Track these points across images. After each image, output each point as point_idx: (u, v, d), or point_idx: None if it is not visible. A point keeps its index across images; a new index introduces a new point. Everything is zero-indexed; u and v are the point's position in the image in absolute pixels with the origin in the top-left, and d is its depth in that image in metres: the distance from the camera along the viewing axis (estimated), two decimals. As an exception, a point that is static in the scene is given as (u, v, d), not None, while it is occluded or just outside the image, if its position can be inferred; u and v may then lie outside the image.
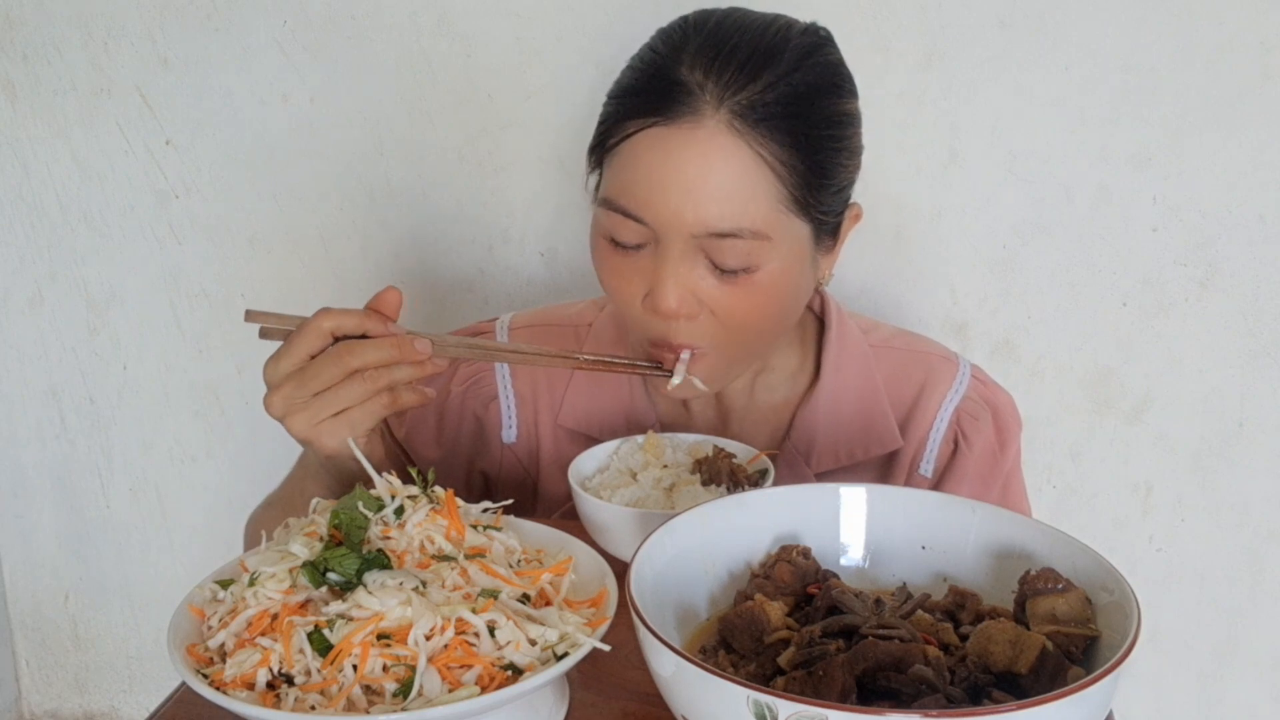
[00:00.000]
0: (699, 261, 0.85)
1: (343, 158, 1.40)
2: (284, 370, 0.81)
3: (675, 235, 0.84)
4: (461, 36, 1.33)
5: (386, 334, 0.81)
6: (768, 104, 0.82)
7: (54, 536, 1.63)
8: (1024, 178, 1.26)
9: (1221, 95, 1.19)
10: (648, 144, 0.84)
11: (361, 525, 0.65)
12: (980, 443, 1.01)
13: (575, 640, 0.60)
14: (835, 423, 1.00)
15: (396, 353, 0.80)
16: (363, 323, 0.81)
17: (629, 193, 0.85)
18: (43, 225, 1.49)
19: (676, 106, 0.83)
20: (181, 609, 0.64)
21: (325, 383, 0.80)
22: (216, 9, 1.36)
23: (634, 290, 0.88)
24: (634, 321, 0.91)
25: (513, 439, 1.04)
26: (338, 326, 0.81)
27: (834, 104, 0.87)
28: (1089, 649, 0.59)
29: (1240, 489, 1.31)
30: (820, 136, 0.85)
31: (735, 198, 0.83)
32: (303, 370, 0.80)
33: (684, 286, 0.85)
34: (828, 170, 0.86)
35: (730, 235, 0.83)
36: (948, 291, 1.31)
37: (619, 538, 0.80)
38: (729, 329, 0.88)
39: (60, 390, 1.56)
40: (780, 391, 1.02)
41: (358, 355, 0.79)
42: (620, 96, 0.88)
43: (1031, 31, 1.21)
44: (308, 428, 0.81)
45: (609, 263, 0.89)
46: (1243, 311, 1.25)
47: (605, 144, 0.88)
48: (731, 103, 0.82)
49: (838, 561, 0.70)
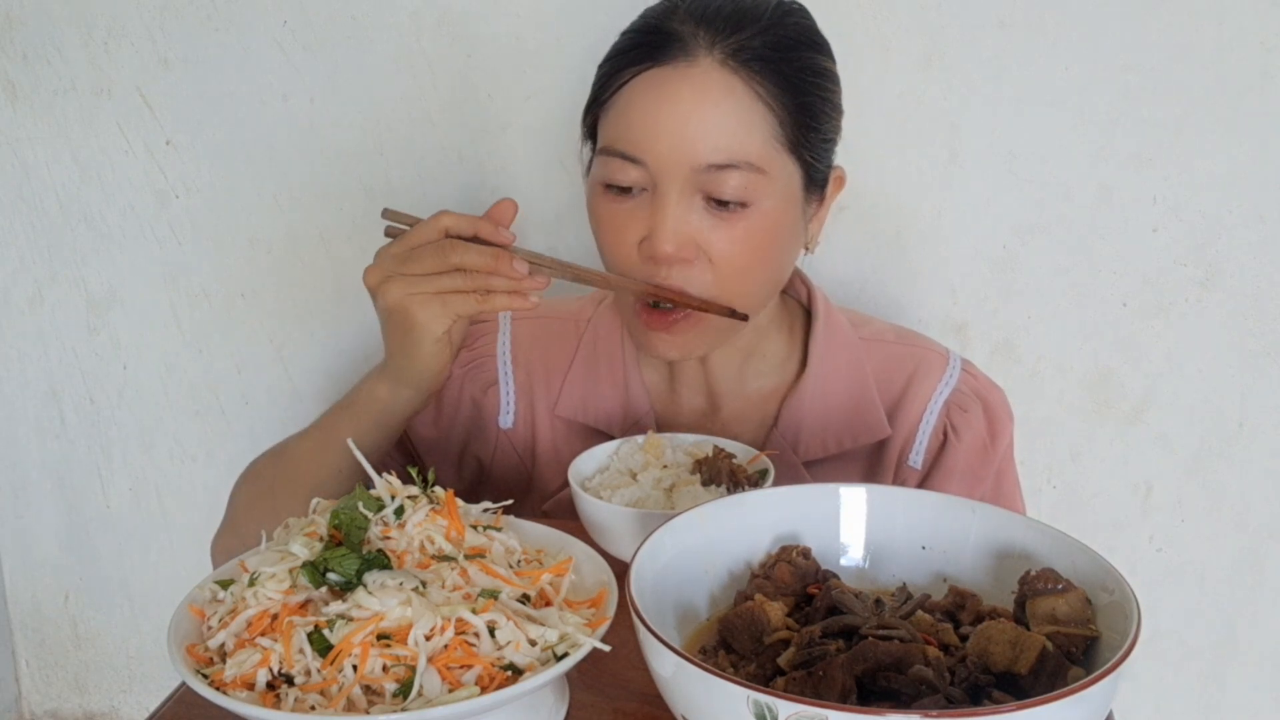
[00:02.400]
0: (695, 203, 0.88)
1: (343, 158, 1.40)
2: (392, 251, 0.85)
3: (673, 175, 0.86)
4: (461, 36, 1.33)
5: (496, 236, 0.85)
6: (755, 48, 0.87)
7: (54, 536, 1.63)
8: (1024, 178, 1.26)
9: (1221, 95, 1.19)
10: (643, 87, 0.88)
11: (361, 525, 0.65)
12: (970, 436, 1.01)
13: (575, 640, 0.60)
14: (823, 411, 1.01)
15: (495, 263, 0.83)
16: (475, 225, 0.85)
17: (626, 136, 0.88)
18: (43, 225, 1.49)
19: (670, 50, 0.87)
20: (181, 609, 0.64)
21: (426, 269, 0.84)
22: (216, 9, 1.36)
23: (630, 238, 0.90)
24: (629, 271, 0.92)
25: (510, 425, 1.05)
26: (453, 225, 0.84)
27: (816, 58, 0.91)
28: (1089, 649, 0.59)
29: (1240, 489, 1.31)
30: (807, 82, 0.89)
31: (732, 130, 0.86)
32: (408, 253, 0.85)
33: (682, 228, 0.87)
34: (815, 114, 0.90)
35: (728, 166, 0.86)
36: (948, 291, 1.31)
37: (619, 538, 0.80)
38: (723, 276, 0.89)
39: (60, 390, 1.56)
40: (769, 380, 1.04)
41: (459, 253, 0.83)
42: (612, 57, 0.92)
43: (1031, 31, 1.21)
44: (402, 295, 0.84)
45: (605, 213, 0.91)
46: (1243, 311, 1.25)
47: (600, 99, 0.92)
48: (723, 44, 0.86)
49: (838, 561, 0.70)
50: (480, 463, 1.07)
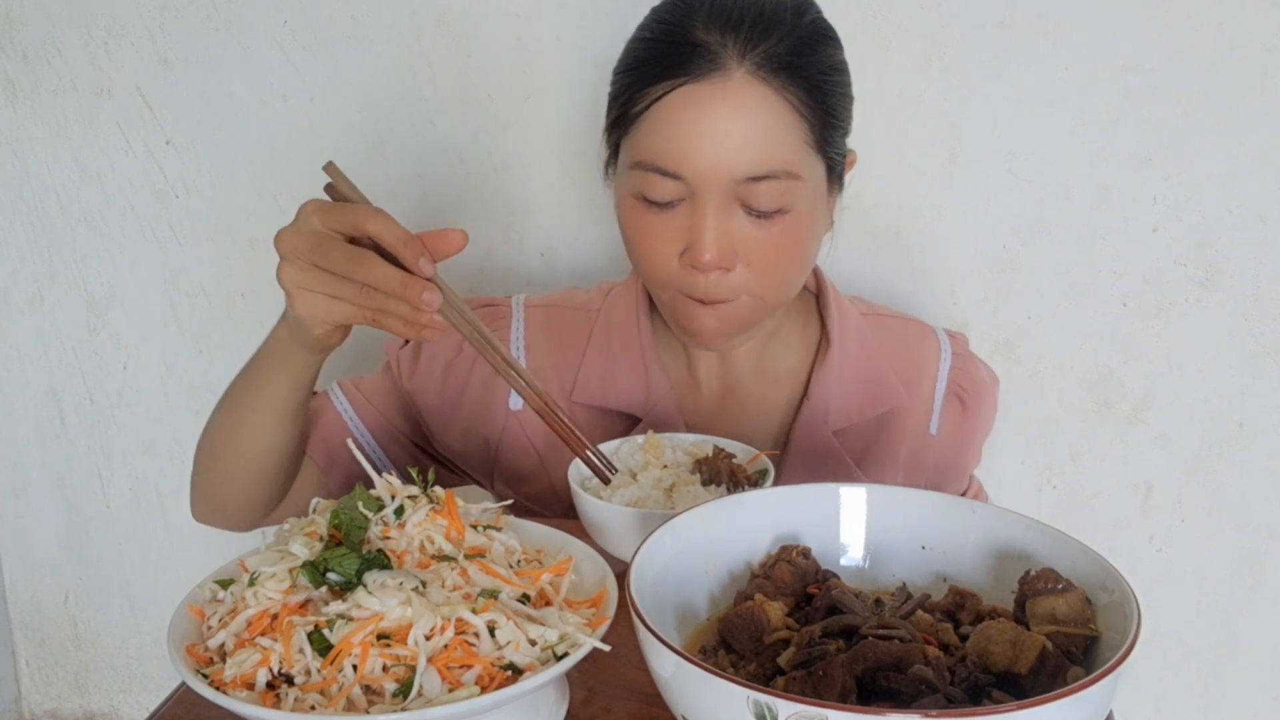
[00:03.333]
0: (735, 211, 0.89)
1: (343, 158, 1.39)
2: (312, 225, 0.79)
3: (713, 187, 0.88)
4: (461, 36, 1.33)
5: (413, 267, 0.77)
6: (782, 55, 0.88)
7: (54, 536, 1.63)
8: (1024, 178, 1.26)
9: (1221, 95, 1.19)
10: (680, 102, 0.88)
11: (361, 525, 0.66)
12: (971, 399, 1.10)
13: (575, 640, 0.60)
14: (846, 381, 1.05)
15: (403, 290, 0.76)
16: (399, 247, 0.77)
17: (664, 152, 0.88)
18: (43, 225, 1.49)
19: (703, 65, 0.87)
20: (181, 609, 0.64)
21: (329, 267, 0.78)
22: (216, 9, 1.36)
23: (669, 250, 0.91)
24: (667, 282, 0.93)
25: (519, 407, 1.05)
26: (378, 233, 0.77)
27: (833, 53, 0.93)
28: (1089, 649, 0.59)
29: (1240, 489, 1.31)
30: (829, 81, 0.91)
31: (769, 141, 0.88)
32: (322, 241, 0.78)
33: (723, 237, 0.89)
34: (837, 112, 0.92)
35: (766, 178, 0.88)
36: (948, 291, 1.31)
37: (619, 538, 0.80)
38: (760, 276, 0.91)
39: (60, 390, 1.56)
40: (787, 360, 1.07)
41: (368, 270, 0.77)
42: (637, 68, 0.91)
43: (1031, 31, 1.21)
44: (291, 283, 0.79)
45: (641, 225, 0.92)
46: (1243, 311, 1.25)
47: (629, 113, 0.91)
48: (753, 55, 0.87)
49: (838, 561, 0.70)
50: (487, 442, 1.07)
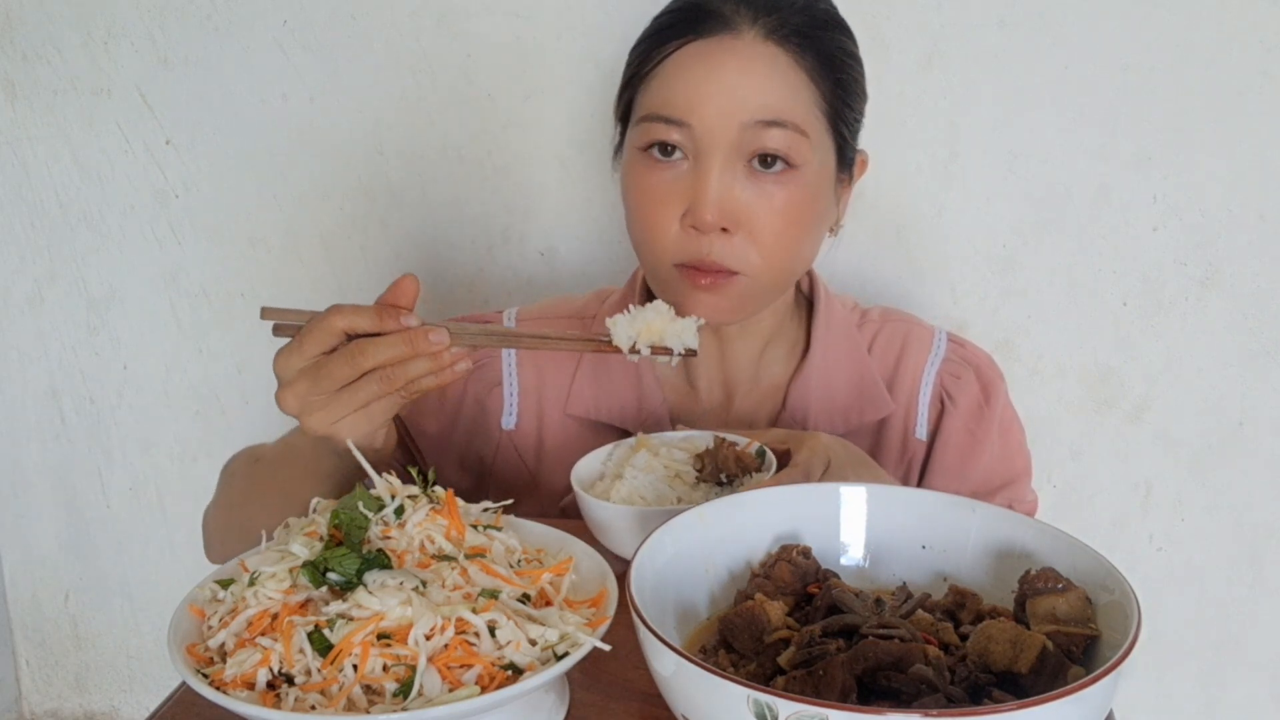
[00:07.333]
0: (738, 170, 0.90)
1: (343, 158, 1.40)
2: (296, 366, 0.79)
3: (718, 139, 0.88)
4: (461, 36, 1.33)
5: (400, 329, 0.77)
6: (795, 24, 0.90)
7: (54, 536, 1.63)
8: (1024, 178, 1.26)
9: (1221, 95, 1.19)
10: (688, 57, 0.90)
11: (361, 525, 0.65)
12: (965, 400, 1.05)
13: (575, 640, 0.60)
14: (829, 392, 1.03)
15: (410, 349, 0.77)
16: (376, 321, 0.77)
17: (671, 102, 0.90)
18: (43, 225, 1.49)
19: (714, 25, 0.89)
20: (181, 609, 0.64)
21: (340, 382, 0.77)
22: (216, 9, 1.36)
23: (671, 210, 0.91)
24: (666, 248, 0.92)
25: (512, 425, 1.05)
26: (350, 326, 0.77)
27: (847, 40, 0.95)
28: (1089, 649, 0.59)
29: (1240, 489, 1.31)
30: (841, 61, 0.93)
31: (778, 93, 0.89)
32: (316, 368, 0.78)
33: (725, 195, 0.89)
34: (849, 92, 0.93)
35: (775, 123, 0.88)
36: (948, 291, 1.31)
37: (619, 537, 0.80)
38: (759, 247, 0.91)
39: (60, 390, 1.56)
40: (779, 367, 1.06)
41: (371, 355, 0.76)
42: (651, 35, 0.93)
43: (1031, 31, 1.21)
44: (325, 425, 0.79)
45: (645, 184, 0.92)
46: (1243, 311, 1.25)
47: (640, 74, 0.93)
48: (765, 21, 0.89)
49: (838, 561, 0.70)
50: (483, 461, 1.07)
